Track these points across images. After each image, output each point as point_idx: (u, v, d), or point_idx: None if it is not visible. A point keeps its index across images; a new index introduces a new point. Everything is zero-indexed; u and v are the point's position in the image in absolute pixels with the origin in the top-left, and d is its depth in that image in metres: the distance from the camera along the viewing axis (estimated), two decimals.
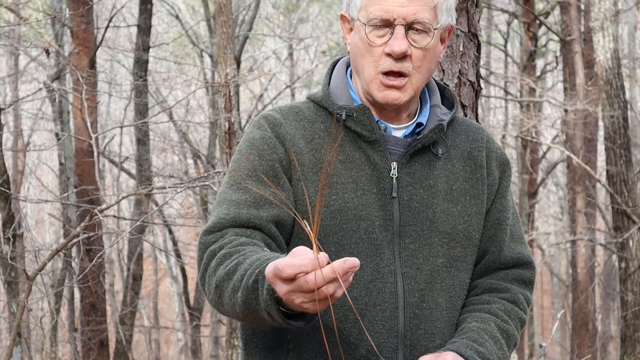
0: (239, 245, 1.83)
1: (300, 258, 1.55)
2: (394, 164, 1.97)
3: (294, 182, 1.96)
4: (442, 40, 2.00)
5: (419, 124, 2.03)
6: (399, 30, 1.91)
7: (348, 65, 2.09)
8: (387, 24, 1.91)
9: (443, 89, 2.13)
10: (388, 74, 1.94)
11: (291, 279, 1.55)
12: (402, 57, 1.92)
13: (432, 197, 1.98)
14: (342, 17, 2.03)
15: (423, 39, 1.93)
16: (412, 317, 1.92)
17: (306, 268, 1.54)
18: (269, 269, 1.59)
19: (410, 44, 1.92)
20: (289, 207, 1.92)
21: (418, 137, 1.99)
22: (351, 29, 2.01)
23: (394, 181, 1.97)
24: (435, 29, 1.94)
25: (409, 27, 1.92)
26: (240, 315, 1.77)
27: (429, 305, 1.95)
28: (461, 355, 1.85)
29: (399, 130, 2.02)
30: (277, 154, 1.96)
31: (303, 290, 1.55)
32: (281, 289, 1.58)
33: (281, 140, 1.97)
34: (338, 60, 2.12)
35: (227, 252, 1.82)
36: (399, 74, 1.94)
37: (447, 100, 2.11)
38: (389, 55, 1.92)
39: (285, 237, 1.96)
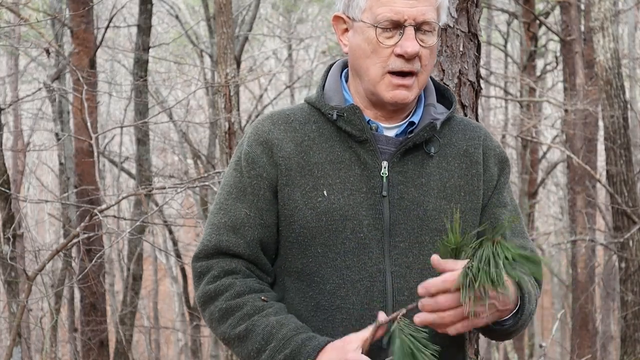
0: (237, 297, 1.93)
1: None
2: (385, 163, 1.97)
3: (281, 186, 1.97)
4: None
5: (412, 123, 2.03)
6: (410, 32, 1.92)
7: (343, 68, 2.10)
8: (397, 25, 1.92)
9: (442, 89, 2.13)
10: (397, 73, 1.95)
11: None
12: (413, 57, 1.93)
13: (424, 195, 1.98)
14: (337, 18, 2.03)
15: (430, 39, 1.95)
16: None
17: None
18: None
19: (419, 44, 1.93)
20: (264, 228, 1.99)
21: (409, 136, 1.99)
22: (346, 30, 2.01)
23: (384, 180, 1.97)
24: (437, 29, 1.96)
25: (418, 27, 1.93)
26: None
27: None
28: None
29: (391, 130, 2.02)
30: (255, 170, 1.99)
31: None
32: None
33: (268, 147, 1.99)
34: (334, 64, 2.13)
35: (228, 306, 1.93)
36: (409, 73, 1.95)
37: (446, 100, 2.11)
38: (399, 56, 1.93)
39: (270, 257, 2.01)
